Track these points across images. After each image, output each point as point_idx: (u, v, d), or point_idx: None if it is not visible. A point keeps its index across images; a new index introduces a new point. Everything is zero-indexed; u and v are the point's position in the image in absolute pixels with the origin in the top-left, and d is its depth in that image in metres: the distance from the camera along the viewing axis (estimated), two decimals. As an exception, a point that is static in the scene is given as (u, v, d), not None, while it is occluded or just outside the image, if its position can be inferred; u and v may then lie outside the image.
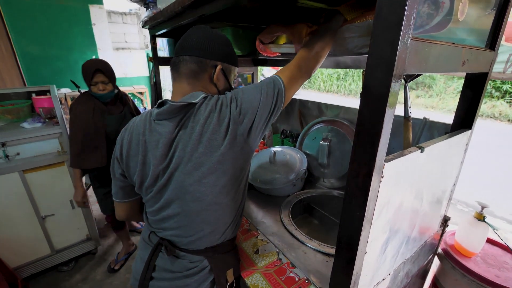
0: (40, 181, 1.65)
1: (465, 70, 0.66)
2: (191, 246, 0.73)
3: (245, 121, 0.67)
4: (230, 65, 0.78)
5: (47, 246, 1.81)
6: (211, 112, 0.66)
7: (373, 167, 0.50)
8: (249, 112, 0.67)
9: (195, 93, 0.70)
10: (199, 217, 0.70)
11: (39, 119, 1.66)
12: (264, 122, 0.71)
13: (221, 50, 0.75)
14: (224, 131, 0.65)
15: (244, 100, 0.68)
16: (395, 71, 0.44)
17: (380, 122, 0.47)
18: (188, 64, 0.71)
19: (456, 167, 0.90)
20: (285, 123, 1.76)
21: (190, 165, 0.66)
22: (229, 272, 0.76)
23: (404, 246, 0.79)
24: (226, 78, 0.77)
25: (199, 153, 0.65)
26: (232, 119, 0.66)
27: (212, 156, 0.65)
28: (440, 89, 7.76)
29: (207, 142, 0.65)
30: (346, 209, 0.57)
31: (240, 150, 0.68)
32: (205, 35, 0.73)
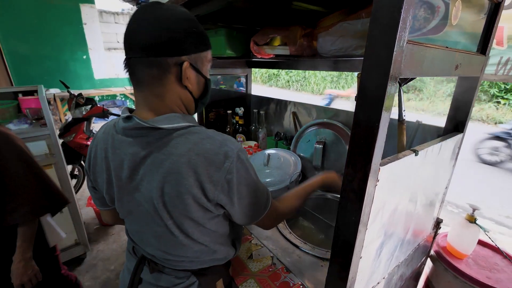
0: (26, 184, 1.59)
1: (458, 74, 0.66)
2: (172, 266, 0.67)
3: (220, 194, 0.56)
4: (200, 52, 0.59)
5: (33, 252, 1.74)
6: (189, 152, 0.53)
7: (369, 171, 0.49)
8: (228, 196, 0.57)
9: (170, 116, 0.57)
10: (175, 248, 0.63)
11: (26, 120, 1.61)
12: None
13: (183, 37, 0.55)
14: (199, 183, 0.54)
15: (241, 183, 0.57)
16: (391, 74, 0.44)
17: (376, 126, 0.47)
18: (144, 70, 0.55)
19: (448, 170, 0.90)
20: (279, 125, 1.76)
21: (156, 200, 0.56)
22: (218, 283, 0.71)
23: (398, 249, 0.79)
24: (198, 72, 0.60)
25: (165, 193, 0.55)
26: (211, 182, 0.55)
27: (178, 202, 0.56)
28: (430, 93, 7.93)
29: (170, 181, 0.55)
30: (342, 213, 0.56)
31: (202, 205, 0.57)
32: (155, 21, 0.53)
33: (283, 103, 1.68)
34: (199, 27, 0.59)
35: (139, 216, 0.63)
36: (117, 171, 0.60)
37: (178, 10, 0.57)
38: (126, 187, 0.60)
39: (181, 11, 0.57)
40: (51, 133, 1.60)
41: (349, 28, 0.87)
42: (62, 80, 2.78)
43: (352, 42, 0.88)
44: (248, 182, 0.58)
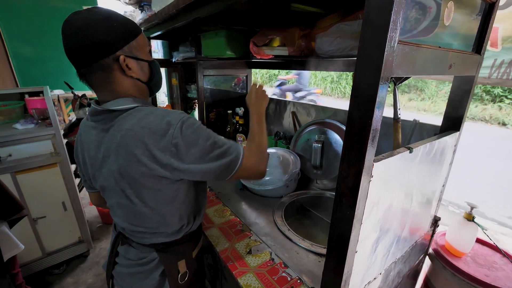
0: (32, 182, 1.62)
1: (452, 73, 0.68)
2: (137, 240, 0.74)
3: (168, 158, 0.61)
4: (130, 41, 0.63)
5: (38, 249, 1.78)
6: (133, 127, 0.60)
7: (363, 167, 0.51)
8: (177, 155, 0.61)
9: (120, 100, 0.64)
10: (131, 218, 0.70)
11: (32, 120, 1.64)
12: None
13: (107, 36, 0.59)
14: (148, 153, 0.60)
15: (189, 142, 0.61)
16: (383, 73, 0.46)
17: (369, 123, 0.48)
18: (92, 75, 0.62)
19: (445, 168, 0.92)
20: (278, 125, 1.77)
21: (115, 173, 0.64)
22: (180, 263, 0.76)
23: (394, 245, 0.80)
24: (138, 59, 0.65)
25: (120, 164, 0.62)
26: (157, 149, 0.60)
27: (130, 166, 0.62)
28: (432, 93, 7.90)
29: (127, 154, 0.61)
30: (337, 208, 0.58)
31: (155, 173, 0.63)
32: (78, 33, 0.58)
33: (283, 103, 1.70)
34: (119, 21, 0.62)
35: (109, 190, 0.70)
36: (88, 151, 0.70)
37: (93, 14, 0.60)
38: (95, 164, 0.69)
39: (95, 14, 0.60)
40: (56, 133, 1.64)
41: (346, 29, 0.89)
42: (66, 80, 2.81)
43: (349, 42, 0.90)
44: (199, 143, 0.62)
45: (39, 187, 1.66)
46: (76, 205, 1.87)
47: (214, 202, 1.20)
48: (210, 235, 0.97)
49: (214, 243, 0.92)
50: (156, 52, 2.13)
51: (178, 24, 1.24)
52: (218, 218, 1.07)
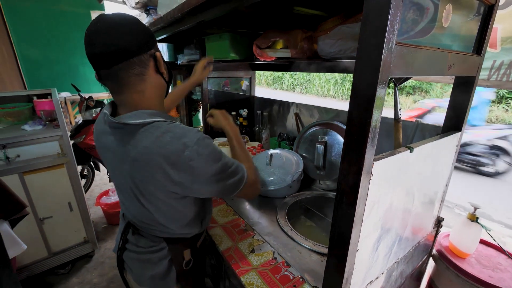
0: (39, 183, 1.66)
1: (451, 73, 0.69)
2: (147, 231, 0.80)
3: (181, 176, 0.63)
4: (156, 43, 0.70)
5: (44, 249, 1.81)
6: (152, 145, 0.62)
7: (362, 166, 0.52)
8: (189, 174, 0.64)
9: (138, 113, 0.65)
10: (142, 216, 0.76)
11: (40, 121, 1.68)
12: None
13: (145, 35, 0.65)
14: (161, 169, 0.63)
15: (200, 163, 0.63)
16: (381, 74, 0.47)
17: (368, 122, 0.50)
18: (129, 71, 0.63)
19: (447, 168, 0.92)
20: (282, 126, 1.79)
21: (130, 183, 0.68)
22: (186, 251, 0.83)
23: (396, 245, 0.80)
24: (162, 58, 0.70)
25: (135, 177, 0.66)
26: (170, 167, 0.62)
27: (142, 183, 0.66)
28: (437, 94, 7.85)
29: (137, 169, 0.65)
30: (338, 206, 0.59)
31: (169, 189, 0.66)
32: (118, 31, 0.60)
33: (286, 104, 1.71)
34: (144, 25, 0.67)
35: (123, 190, 0.75)
36: (105, 152, 0.74)
37: (129, 15, 0.64)
38: (112, 165, 0.74)
39: (130, 16, 0.65)
40: (63, 134, 1.67)
41: (347, 31, 0.90)
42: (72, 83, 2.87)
43: (350, 44, 0.91)
44: (212, 164, 0.65)
45: (46, 188, 1.69)
46: (82, 206, 1.90)
47: (218, 202, 1.21)
48: (214, 235, 0.98)
49: (217, 242, 0.94)
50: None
51: (183, 27, 1.27)
52: (221, 217, 1.09)
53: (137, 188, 0.68)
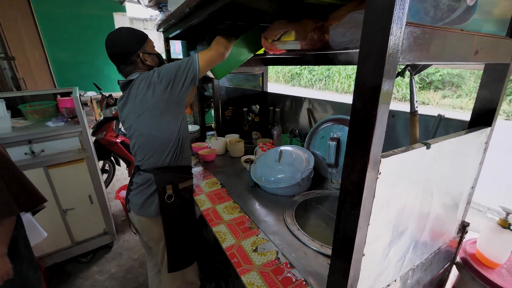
0: (62, 176, 1.75)
1: (478, 60, 0.60)
2: (144, 167, 1.11)
3: (163, 82, 1.01)
4: (144, 44, 1.09)
5: (68, 238, 1.91)
6: (141, 81, 1.04)
7: (368, 162, 0.47)
8: (165, 78, 1.01)
9: (134, 74, 1.09)
10: (143, 145, 1.09)
11: (62, 118, 1.77)
12: (181, 84, 1.03)
13: (133, 43, 1.07)
14: (150, 89, 1.02)
15: (162, 71, 1.03)
16: (388, 60, 0.42)
17: (373, 114, 0.44)
18: (125, 69, 1.10)
19: (474, 168, 0.83)
20: (294, 122, 1.73)
21: (133, 113, 1.07)
22: (168, 186, 1.10)
23: (412, 251, 0.73)
24: (150, 54, 1.11)
25: (137, 106, 1.05)
26: (153, 81, 1.02)
27: (144, 105, 1.03)
28: (470, 89, 7.27)
29: (141, 97, 1.03)
30: (341, 207, 0.54)
31: (162, 99, 1.02)
32: (117, 41, 1.05)
33: (299, 100, 1.65)
34: (135, 33, 1.09)
35: (135, 130, 1.09)
36: (125, 113, 1.12)
37: (119, 32, 1.08)
38: (129, 115, 1.09)
39: (121, 32, 1.08)
40: (83, 130, 1.75)
41: (360, 18, 0.83)
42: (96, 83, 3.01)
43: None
44: (170, 63, 1.06)
45: (68, 181, 1.78)
46: (101, 199, 1.98)
47: (224, 198, 1.20)
48: (218, 231, 0.96)
49: (221, 239, 0.92)
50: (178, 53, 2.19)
51: (193, 22, 1.26)
52: (227, 214, 1.07)
53: (138, 117, 1.05)
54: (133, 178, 1.17)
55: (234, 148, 1.68)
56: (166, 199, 1.09)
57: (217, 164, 1.62)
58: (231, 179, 1.40)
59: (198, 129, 2.06)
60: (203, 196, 1.23)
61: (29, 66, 3.26)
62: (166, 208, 1.10)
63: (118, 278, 1.92)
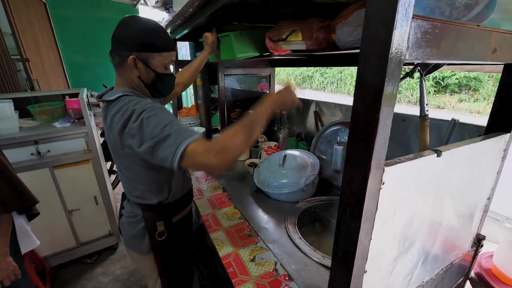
0: (67, 177, 1.77)
1: (497, 59, 0.55)
2: (130, 198, 0.94)
3: (135, 138, 0.71)
4: (148, 52, 0.79)
5: (73, 239, 1.93)
6: (116, 114, 0.75)
7: (369, 172, 0.43)
8: (137, 137, 0.71)
9: (115, 91, 0.80)
10: (123, 179, 0.91)
11: (69, 119, 1.79)
12: (147, 159, 0.74)
13: (134, 39, 0.77)
14: (122, 134, 0.74)
15: (144, 128, 0.70)
16: (392, 57, 0.37)
17: (375, 118, 0.40)
18: (113, 57, 0.81)
19: (490, 176, 0.76)
20: (301, 126, 1.69)
21: (111, 145, 0.84)
22: (159, 223, 0.92)
23: (420, 266, 0.67)
24: (147, 66, 0.80)
25: (109, 138, 0.82)
26: (128, 130, 0.72)
27: (114, 143, 0.80)
28: (488, 92, 6.97)
29: (113, 136, 0.78)
30: (341, 219, 0.50)
31: (128, 152, 0.78)
32: (122, 26, 0.78)
33: (306, 102, 1.61)
34: (153, 34, 0.79)
35: (114, 159, 0.89)
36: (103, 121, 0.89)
37: (142, 22, 0.79)
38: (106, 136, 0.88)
39: (143, 23, 0.78)
40: (89, 131, 1.76)
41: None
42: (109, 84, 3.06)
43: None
44: (146, 131, 0.70)
45: (74, 182, 1.80)
46: (107, 200, 1.99)
47: (225, 203, 1.16)
48: (215, 238, 0.93)
49: (218, 247, 0.88)
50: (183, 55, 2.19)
51: (199, 20, 1.24)
52: (226, 220, 1.03)
53: (114, 155, 0.85)
54: (123, 202, 1.01)
55: (238, 151, 1.64)
56: (157, 236, 0.92)
57: (220, 167, 1.59)
58: (234, 183, 1.36)
59: (204, 131, 2.04)
60: (204, 200, 1.20)
61: (43, 68, 3.36)
62: (158, 246, 0.94)
63: (121, 281, 1.92)
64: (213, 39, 1.29)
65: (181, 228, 1.01)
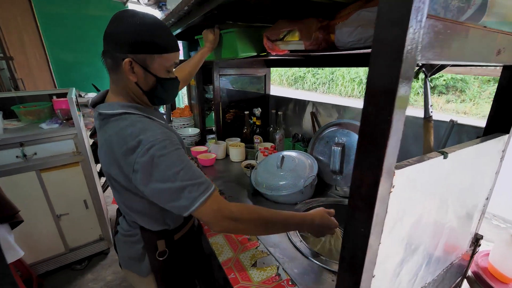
0: (55, 180, 1.70)
1: (501, 60, 0.55)
2: (127, 215, 0.83)
3: (139, 173, 0.63)
4: (147, 54, 0.67)
5: (61, 244, 1.85)
6: (116, 137, 0.65)
7: (380, 175, 0.41)
8: (146, 174, 0.62)
9: (113, 104, 0.70)
10: (117, 198, 0.81)
11: (57, 120, 1.72)
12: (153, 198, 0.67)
13: (129, 38, 0.64)
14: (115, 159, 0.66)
15: (154, 166, 0.62)
16: (406, 57, 0.36)
17: (388, 120, 0.39)
18: (106, 59, 0.70)
19: (489, 177, 0.77)
20: (297, 126, 1.68)
21: (105, 166, 0.72)
22: (160, 242, 0.82)
23: (424, 268, 0.67)
24: (146, 70, 0.69)
25: (102, 156, 0.71)
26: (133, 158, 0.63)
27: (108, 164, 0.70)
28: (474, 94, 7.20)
29: (107, 154, 0.68)
30: (350, 224, 0.48)
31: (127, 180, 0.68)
32: (115, 22, 0.66)
33: (302, 103, 1.60)
34: (151, 34, 0.67)
35: (106, 176, 0.77)
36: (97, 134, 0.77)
37: (141, 19, 0.66)
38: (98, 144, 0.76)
39: (142, 20, 0.66)
40: (78, 133, 1.70)
41: (368, 17, 0.78)
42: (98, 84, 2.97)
43: (371, 31, 0.78)
44: (156, 173, 0.62)
45: (62, 185, 1.73)
46: (97, 204, 1.92)
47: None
48: (214, 243, 0.90)
49: (217, 252, 0.86)
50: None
51: (193, 20, 1.21)
52: (225, 224, 1.01)
53: (108, 173, 0.72)
54: (118, 217, 0.91)
55: (234, 152, 1.62)
56: (158, 256, 0.82)
57: (216, 168, 1.56)
58: (231, 185, 1.34)
59: (198, 132, 2.00)
60: (200, 203, 1.17)
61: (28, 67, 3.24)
62: (159, 267, 0.84)
63: (113, 287, 1.86)
64: (215, 36, 1.23)
65: (184, 244, 0.91)
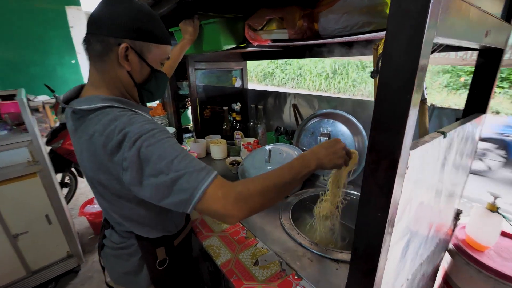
0: (9, 195, 1.47)
1: (487, 42, 0.57)
2: (118, 227, 0.74)
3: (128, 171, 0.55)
4: (144, 41, 0.63)
5: (21, 268, 1.62)
6: (98, 135, 0.56)
7: (399, 157, 0.40)
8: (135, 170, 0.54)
9: (92, 97, 0.61)
10: (104, 209, 0.73)
11: (5, 126, 1.49)
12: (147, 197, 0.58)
13: (128, 22, 0.60)
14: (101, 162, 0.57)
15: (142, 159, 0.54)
16: (426, 31, 0.35)
17: (408, 99, 0.38)
18: (92, 45, 0.61)
19: (470, 155, 0.82)
20: (279, 120, 1.66)
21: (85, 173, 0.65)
22: (159, 250, 0.75)
23: (423, 246, 0.70)
24: (142, 59, 0.64)
25: (84, 162, 0.62)
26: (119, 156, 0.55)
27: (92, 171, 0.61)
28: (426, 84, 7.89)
29: (89, 156, 0.59)
30: (363, 211, 0.47)
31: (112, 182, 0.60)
32: (110, 4, 0.60)
33: (282, 95, 1.59)
34: (151, 21, 0.63)
35: (89, 182, 0.68)
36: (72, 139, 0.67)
37: (137, 5, 0.61)
38: (77, 154, 0.65)
39: (137, 6, 0.61)
40: (33, 139, 1.48)
41: (354, 3, 0.78)
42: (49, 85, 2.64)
43: (358, 18, 0.79)
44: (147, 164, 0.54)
45: (18, 200, 1.50)
46: (62, 217, 1.72)
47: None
48: (209, 246, 0.85)
49: (214, 254, 0.80)
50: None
51: (163, 9, 1.11)
52: (217, 225, 0.95)
53: (92, 179, 0.64)
54: (105, 230, 0.80)
55: (216, 150, 1.55)
56: (158, 265, 0.75)
57: (197, 168, 1.48)
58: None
59: (174, 131, 1.89)
60: (186, 205, 1.10)
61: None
62: (160, 277, 0.77)
63: (89, 306, 1.68)
64: (195, 27, 1.12)
65: (183, 249, 0.84)
